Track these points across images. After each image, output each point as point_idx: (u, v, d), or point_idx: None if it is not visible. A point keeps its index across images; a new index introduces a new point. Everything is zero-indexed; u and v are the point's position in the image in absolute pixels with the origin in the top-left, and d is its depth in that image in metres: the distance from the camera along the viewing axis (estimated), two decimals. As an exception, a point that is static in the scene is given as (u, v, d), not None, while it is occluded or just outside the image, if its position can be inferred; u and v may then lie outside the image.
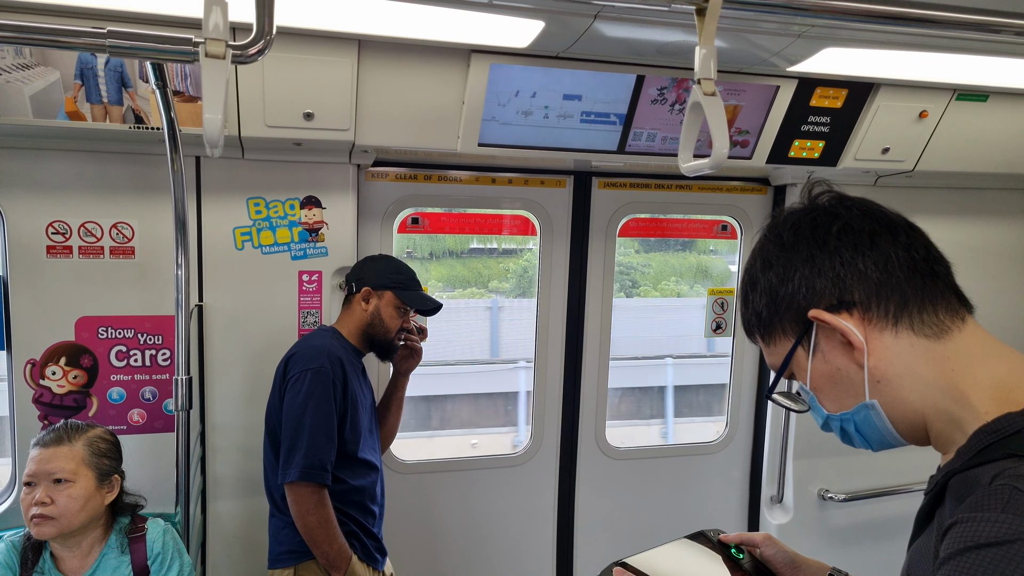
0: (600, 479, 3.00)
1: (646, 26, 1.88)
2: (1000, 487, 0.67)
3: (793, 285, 0.83)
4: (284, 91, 2.03)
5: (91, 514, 1.75)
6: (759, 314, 0.89)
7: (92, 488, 1.75)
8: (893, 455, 3.47)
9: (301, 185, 2.37)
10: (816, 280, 0.82)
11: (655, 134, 2.39)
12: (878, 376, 0.81)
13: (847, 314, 0.81)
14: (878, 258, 0.80)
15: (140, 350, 2.27)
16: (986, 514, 0.65)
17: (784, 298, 0.84)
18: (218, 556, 2.44)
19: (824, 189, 0.88)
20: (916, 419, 0.81)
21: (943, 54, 2.11)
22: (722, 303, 3.07)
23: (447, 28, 1.91)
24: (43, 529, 1.70)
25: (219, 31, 1.21)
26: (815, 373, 0.86)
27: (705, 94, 1.36)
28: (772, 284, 0.85)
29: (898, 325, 0.80)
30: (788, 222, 0.87)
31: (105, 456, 1.79)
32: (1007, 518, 0.64)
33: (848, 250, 0.81)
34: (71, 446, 1.75)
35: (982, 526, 0.65)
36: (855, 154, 2.58)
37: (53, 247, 2.17)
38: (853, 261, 0.81)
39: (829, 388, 0.85)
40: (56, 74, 1.89)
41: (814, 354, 0.84)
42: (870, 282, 0.80)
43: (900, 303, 0.80)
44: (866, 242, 0.81)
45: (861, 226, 0.82)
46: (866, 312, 0.80)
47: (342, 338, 2.12)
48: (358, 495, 2.08)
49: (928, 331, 0.79)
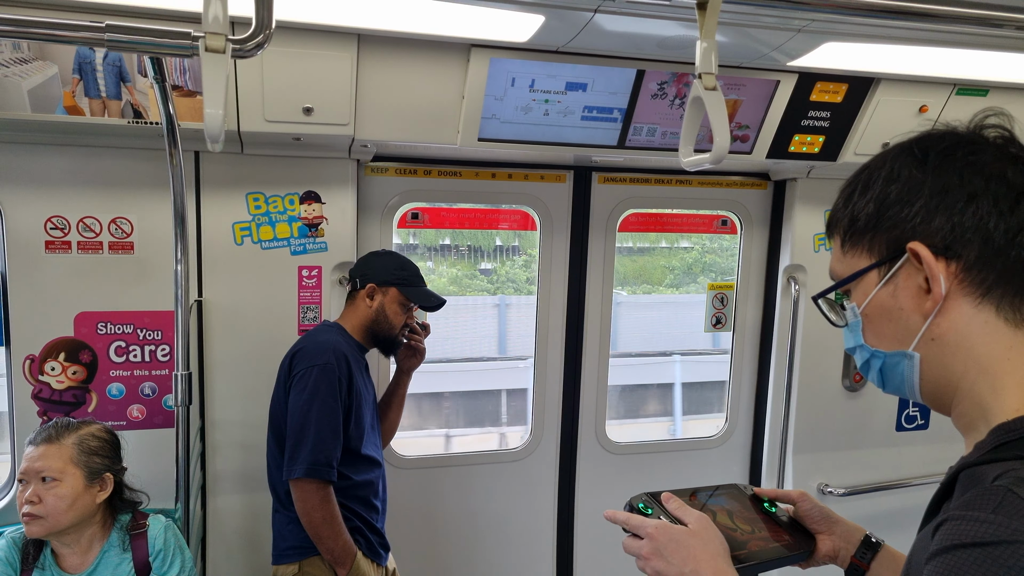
0: (600, 474, 3.00)
1: (647, 20, 1.87)
2: (996, 488, 0.66)
3: (911, 209, 0.77)
4: (283, 86, 2.02)
5: (81, 513, 1.74)
6: (855, 218, 0.82)
7: (80, 487, 1.73)
8: (892, 450, 3.47)
9: (300, 180, 2.36)
10: (937, 216, 0.75)
11: (655, 129, 2.39)
12: (935, 334, 0.77)
13: (944, 262, 0.75)
14: (1011, 224, 0.74)
15: (139, 346, 2.27)
16: (977, 513, 0.64)
17: (892, 217, 0.78)
18: (218, 552, 2.44)
19: (998, 123, 0.80)
20: (948, 388, 0.79)
21: (943, 48, 2.10)
22: (722, 298, 3.07)
23: (447, 22, 1.90)
24: (32, 528, 1.70)
25: (219, 25, 1.21)
26: (875, 302, 0.81)
27: (706, 88, 1.36)
28: (888, 197, 0.79)
29: (986, 297, 0.75)
30: (942, 143, 0.79)
31: (96, 454, 1.77)
32: (996, 519, 0.63)
33: (988, 202, 0.74)
34: (60, 445, 1.74)
35: (971, 525, 0.64)
36: (855, 149, 2.58)
37: (52, 242, 2.16)
38: (986, 217, 0.74)
39: (881, 322, 0.81)
40: (54, 68, 1.88)
41: (886, 283, 0.79)
42: (991, 246, 0.74)
43: (1001, 278, 0.74)
44: (1010, 202, 0.74)
45: (1018, 183, 0.75)
46: (964, 271, 0.75)
47: (346, 334, 2.12)
48: (362, 491, 2.09)
49: (1009, 316, 0.75)
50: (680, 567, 0.87)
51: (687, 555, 0.88)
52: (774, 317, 3.01)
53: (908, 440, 3.15)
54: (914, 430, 3.16)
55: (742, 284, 3.06)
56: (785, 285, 2.97)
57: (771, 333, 3.03)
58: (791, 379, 2.97)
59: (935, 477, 3.10)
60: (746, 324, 3.08)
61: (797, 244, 2.90)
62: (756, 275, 3.05)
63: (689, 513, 0.93)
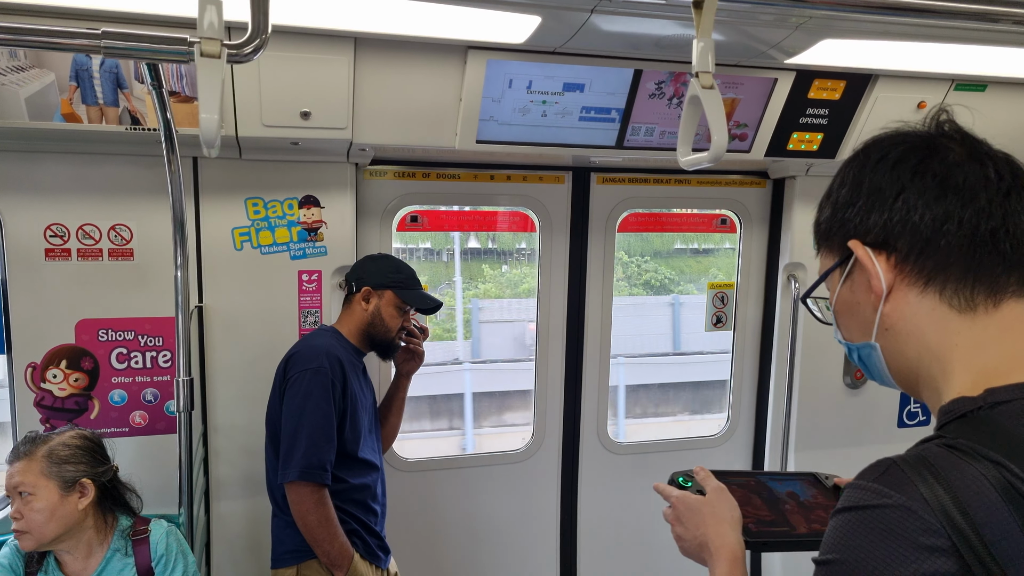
0: (602, 474, 3.00)
1: (643, 20, 1.87)
2: (884, 460, 0.71)
3: (853, 209, 0.82)
4: (281, 90, 2.02)
5: (64, 522, 1.73)
6: (819, 224, 0.89)
7: (55, 498, 1.72)
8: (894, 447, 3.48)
9: (299, 185, 2.36)
10: (872, 214, 0.80)
11: (653, 128, 2.39)
12: (887, 324, 0.81)
13: (885, 256, 0.80)
14: (938, 214, 0.76)
15: (141, 352, 2.27)
16: (861, 482, 0.71)
17: (841, 219, 0.84)
18: (222, 556, 2.44)
19: (948, 119, 0.83)
20: (910, 375, 0.83)
21: (941, 44, 2.10)
22: (722, 297, 3.07)
23: (443, 24, 1.90)
24: (23, 542, 1.72)
25: (214, 30, 1.21)
26: (840, 298, 0.87)
27: (703, 87, 1.36)
28: (839, 201, 0.85)
29: (927, 286, 0.78)
30: (882, 144, 0.83)
31: (67, 463, 1.75)
32: (873, 486, 0.68)
33: (915, 196, 0.78)
34: (29, 460, 1.73)
35: (853, 492, 0.70)
36: (854, 146, 2.56)
37: (52, 250, 2.16)
38: (912, 209, 0.77)
39: (847, 317, 0.87)
40: (51, 76, 1.88)
41: (844, 281, 0.85)
42: (919, 237, 0.77)
43: (939, 267, 0.77)
44: (935, 193, 0.77)
45: (944, 174, 0.77)
46: (902, 263, 0.79)
47: (342, 338, 2.11)
48: (359, 494, 2.08)
49: (954, 302, 0.77)
50: (693, 531, 1.00)
51: (699, 520, 1.00)
52: (774, 315, 3.01)
53: (910, 437, 3.11)
54: (916, 426, 3.16)
55: (742, 283, 3.05)
56: (785, 283, 2.96)
57: (772, 331, 3.03)
58: (792, 377, 2.96)
59: (938, 473, 3.10)
60: (747, 323, 3.07)
61: (797, 242, 2.90)
62: (756, 274, 3.05)
63: (710, 483, 1.04)
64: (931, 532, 0.64)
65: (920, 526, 0.64)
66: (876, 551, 0.65)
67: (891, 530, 0.65)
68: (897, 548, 0.65)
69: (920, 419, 3.15)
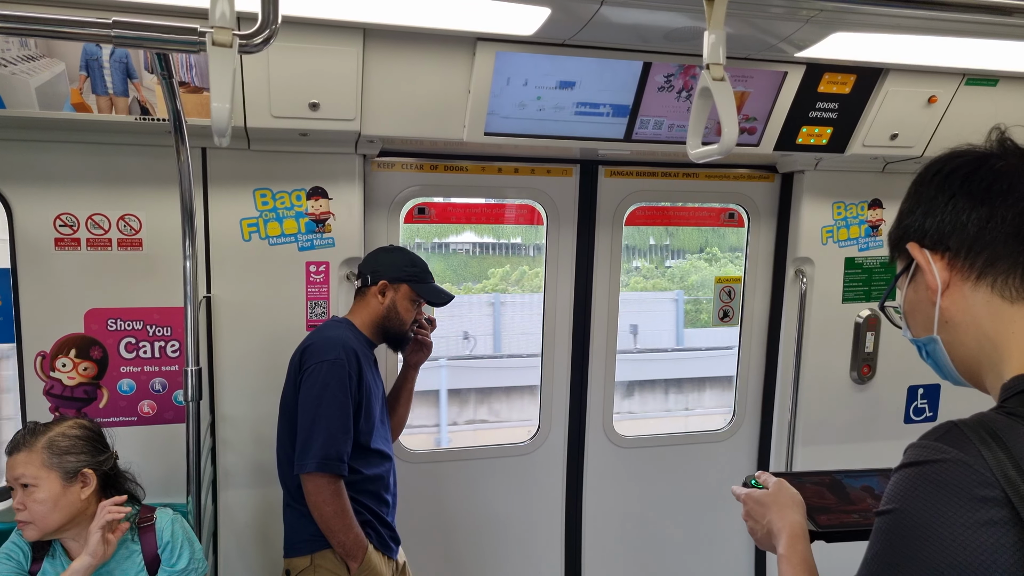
0: (608, 467, 3.00)
1: (653, 12, 1.86)
2: (947, 422, 0.78)
3: (914, 218, 0.92)
4: (289, 81, 2.02)
5: (68, 512, 1.74)
6: (890, 234, 0.99)
7: (57, 489, 1.72)
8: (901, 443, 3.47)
9: (307, 176, 2.36)
10: (927, 220, 0.91)
11: (662, 122, 2.38)
12: (947, 317, 0.90)
13: (939, 256, 0.89)
14: (983, 214, 0.86)
15: (149, 342, 2.28)
16: (923, 441, 0.78)
17: (905, 228, 0.94)
18: (230, 545, 2.46)
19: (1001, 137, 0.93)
20: (972, 364, 0.90)
21: (952, 38, 2.09)
22: (729, 291, 3.07)
23: (453, 16, 1.90)
24: (27, 532, 1.73)
25: (226, 19, 1.21)
26: (907, 299, 0.97)
27: (714, 79, 1.35)
28: (903, 211, 0.95)
29: (979, 279, 0.87)
30: (938, 161, 0.94)
31: (68, 453, 1.75)
32: (934, 444, 0.76)
33: (963, 200, 0.88)
34: (29, 451, 1.74)
35: (914, 450, 0.78)
36: (863, 140, 2.56)
37: (61, 239, 2.18)
38: (961, 212, 0.87)
39: (913, 315, 0.96)
40: (61, 66, 1.89)
41: (910, 283, 0.94)
42: (967, 235, 0.87)
43: (989, 261, 0.86)
44: (981, 196, 0.87)
45: (989, 180, 0.87)
46: (954, 259, 0.88)
47: (355, 329, 2.12)
48: (372, 484, 2.10)
49: (1006, 293, 0.86)
50: (760, 521, 1.12)
51: (764, 511, 1.11)
52: (781, 310, 3.00)
53: (917, 432, 3.07)
54: (922, 422, 3.15)
55: (749, 277, 3.05)
56: (793, 278, 2.96)
57: (779, 326, 3.02)
58: (799, 372, 2.96)
59: (944, 469, 3.09)
60: (754, 317, 3.07)
61: (805, 237, 2.88)
62: (764, 268, 3.04)
63: (770, 479, 1.15)
64: (985, 484, 0.71)
65: (976, 479, 0.71)
66: (933, 501, 0.72)
67: (947, 482, 0.72)
68: (953, 498, 0.71)
69: (927, 415, 3.14)
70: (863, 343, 2.97)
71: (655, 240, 5.85)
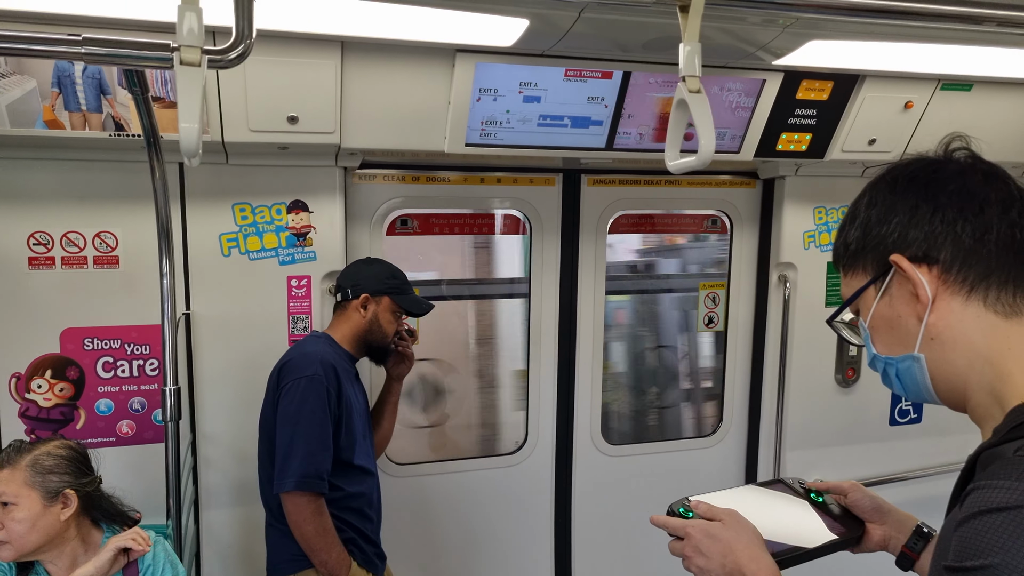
0: (596, 475, 2.99)
1: (630, 23, 1.87)
2: (1018, 457, 0.70)
3: (888, 227, 0.86)
4: (267, 95, 2.00)
5: (46, 533, 1.70)
6: (848, 245, 0.92)
7: (38, 509, 1.69)
8: (886, 444, 3.47)
9: (287, 189, 2.34)
10: (911, 229, 0.85)
11: (644, 131, 2.38)
12: (933, 334, 0.84)
13: (926, 268, 0.84)
14: (978, 226, 0.82)
15: (127, 361, 2.24)
16: (1001, 481, 0.68)
17: (875, 236, 0.88)
18: (213, 566, 2.41)
19: (962, 146, 0.89)
20: (957, 383, 0.85)
21: (927, 44, 2.11)
22: (713, 297, 3.07)
23: (431, 28, 1.89)
24: (2, 553, 1.69)
25: (194, 37, 1.19)
26: (877, 314, 0.89)
27: (690, 91, 1.35)
28: (870, 220, 0.89)
29: (971, 294, 0.82)
30: (908, 168, 0.89)
31: (51, 473, 1.72)
32: (1020, 485, 0.67)
33: (953, 211, 0.83)
34: (13, 468, 1.70)
35: (995, 492, 0.67)
36: (842, 146, 2.58)
37: (35, 258, 2.14)
38: (953, 223, 0.82)
39: (885, 331, 0.89)
40: (33, 82, 1.86)
41: (882, 296, 0.88)
42: (961, 247, 0.82)
43: (981, 275, 0.82)
44: (974, 208, 0.83)
45: (976, 191, 0.84)
46: (945, 273, 0.83)
47: (335, 344, 2.10)
48: (355, 501, 2.07)
49: (999, 308, 0.82)
50: (720, 560, 0.95)
51: (723, 548, 0.95)
52: (766, 315, 3.01)
53: (902, 434, 3.15)
54: (907, 424, 3.17)
55: (733, 283, 3.06)
56: (776, 283, 2.97)
57: (763, 331, 3.03)
58: (784, 376, 2.97)
59: (929, 471, 3.12)
60: (738, 323, 3.08)
61: (787, 242, 2.90)
62: (747, 273, 3.06)
63: (719, 511, 1.00)
64: None
65: None
66: None
67: None
68: None
69: (912, 417, 3.17)
70: (847, 347, 2.99)
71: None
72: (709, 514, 1.01)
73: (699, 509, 1.02)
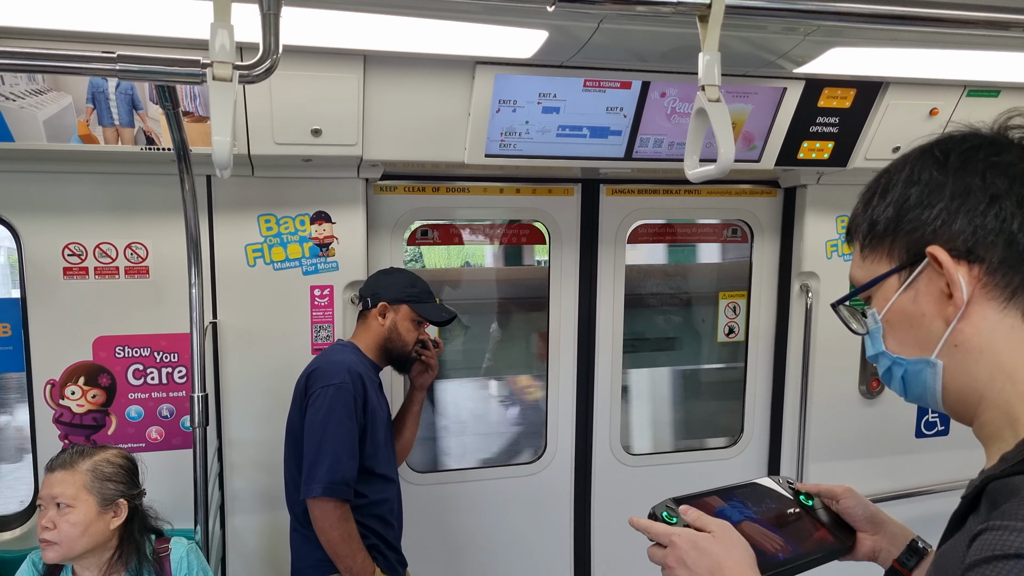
0: (616, 486, 2.98)
1: (649, 32, 1.88)
2: None
3: (931, 212, 0.74)
4: (292, 108, 2.05)
5: (94, 539, 1.73)
6: (875, 223, 0.79)
7: (93, 514, 1.72)
8: (912, 457, 3.40)
9: (311, 201, 2.38)
10: (958, 218, 0.73)
11: (662, 139, 2.39)
12: (958, 340, 0.74)
13: (967, 265, 0.72)
14: None
15: (157, 368, 2.29)
16: (1018, 524, 0.62)
17: (912, 220, 0.75)
18: (238, 571, 2.45)
19: (1022, 123, 0.77)
20: (972, 397, 0.76)
21: (952, 50, 2.09)
22: (734, 307, 3.05)
23: (451, 40, 1.92)
24: (48, 553, 1.70)
25: (225, 53, 1.23)
26: (896, 307, 0.78)
27: (710, 100, 1.36)
28: (908, 200, 0.76)
29: (1011, 302, 0.72)
30: (963, 144, 0.76)
31: (109, 480, 1.76)
32: None
33: (1011, 204, 0.71)
34: (73, 471, 1.73)
35: (1011, 536, 0.61)
36: (865, 154, 2.56)
37: (69, 268, 2.20)
38: (1010, 219, 0.71)
39: (902, 328, 0.79)
40: (68, 98, 1.92)
41: (906, 289, 0.77)
42: (1014, 249, 0.71)
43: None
44: None
45: None
46: (988, 275, 0.72)
47: (360, 353, 2.13)
48: (378, 508, 2.09)
49: None
50: (701, 572, 0.85)
51: (711, 563, 0.85)
52: (788, 325, 2.99)
53: (928, 447, 3.09)
54: (934, 436, 3.11)
55: (755, 293, 3.03)
56: (798, 292, 2.94)
57: (785, 341, 3.00)
58: (806, 387, 2.93)
59: (956, 484, 3.05)
60: (760, 333, 3.05)
61: (809, 251, 2.87)
62: (768, 283, 3.03)
63: (709, 522, 0.90)
64: None
65: None
66: None
67: None
68: None
69: (939, 429, 3.10)
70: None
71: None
72: (698, 523, 0.90)
73: (688, 516, 0.92)
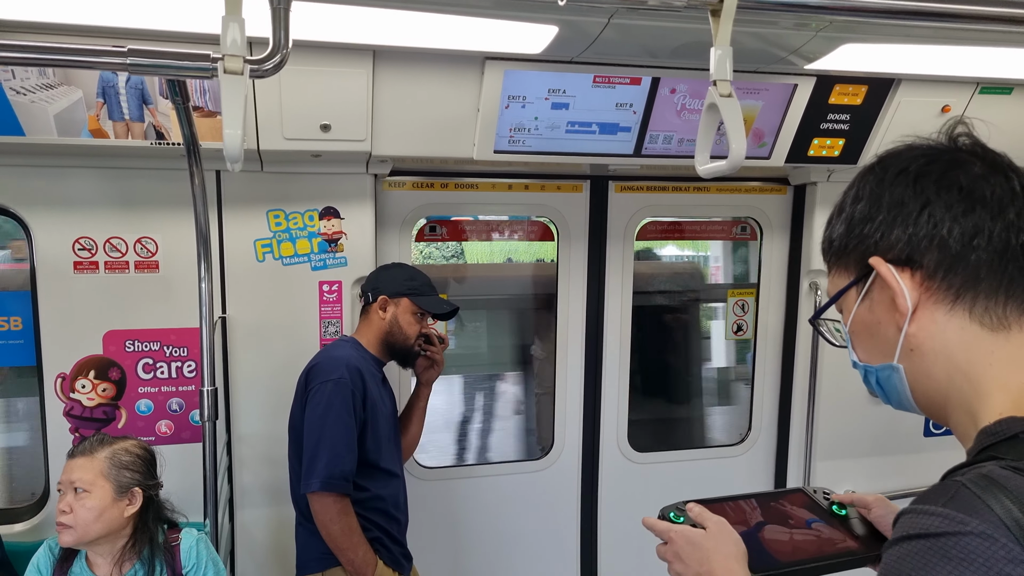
0: (623, 483, 2.98)
1: (660, 28, 1.87)
2: (951, 482, 0.67)
3: (872, 225, 0.78)
4: (301, 103, 2.05)
5: (108, 525, 1.77)
6: (832, 241, 0.85)
7: (108, 500, 1.76)
8: (921, 456, 3.38)
9: (319, 196, 2.39)
10: (894, 229, 0.76)
11: (671, 136, 2.38)
12: (912, 345, 0.77)
13: (909, 272, 0.76)
14: (967, 228, 0.73)
15: (166, 362, 2.30)
16: (928, 507, 0.66)
17: (858, 235, 0.80)
18: (247, 564, 2.46)
19: (965, 132, 0.80)
20: (938, 398, 0.79)
21: (965, 47, 2.07)
22: (743, 305, 3.04)
23: (461, 36, 1.92)
24: (64, 536, 1.75)
25: (237, 47, 1.23)
26: (857, 318, 0.83)
27: (721, 95, 1.35)
28: (854, 216, 0.81)
29: (956, 304, 0.75)
30: (900, 157, 0.80)
31: (126, 468, 1.80)
32: (944, 511, 0.64)
33: (941, 210, 0.74)
34: (92, 458, 1.78)
35: (920, 518, 0.65)
36: (877, 151, 2.51)
37: (80, 263, 2.21)
38: (940, 223, 0.74)
39: (865, 337, 0.83)
40: (79, 93, 1.93)
41: (863, 300, 0.81)
42: (947, 252, 0.74)
43: (969, 283, 0.74)
44: (963, 206, 0.74)
45: (970, 187, 0.74)
46: (928, 280, 0.75)
47: (362, 348, 2.13)
48: (381, 502, 2.10)
49: (985, 320, 0.74)
50: (696, 568, 0.92)
51: (701, 556, 0.92)
52: (796, 323, 2.97)
53: (937, 446, 3.08)
54: (943, 435, 3.09)
55: (763, 290, 3.02)
56: (807, 290, 2.93)
57: (794, 339, 2.99)
58: (815, 385, 2.92)
59: (968, 483, 3.03)
60: (768, 330, 3.04)
61: (818, 249, 2.84)
62: (777, 281, 3.02)
63: (708, 518, 0.96)
64: (1014, 560, 0.60)
65: (1004, 554, 0.61)
66: None
67: (972, 559, 0.61)
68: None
69: (947, 428, 3.08)
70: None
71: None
72: (699, 519, 0.96)
73: (692, 512, 0.98)
